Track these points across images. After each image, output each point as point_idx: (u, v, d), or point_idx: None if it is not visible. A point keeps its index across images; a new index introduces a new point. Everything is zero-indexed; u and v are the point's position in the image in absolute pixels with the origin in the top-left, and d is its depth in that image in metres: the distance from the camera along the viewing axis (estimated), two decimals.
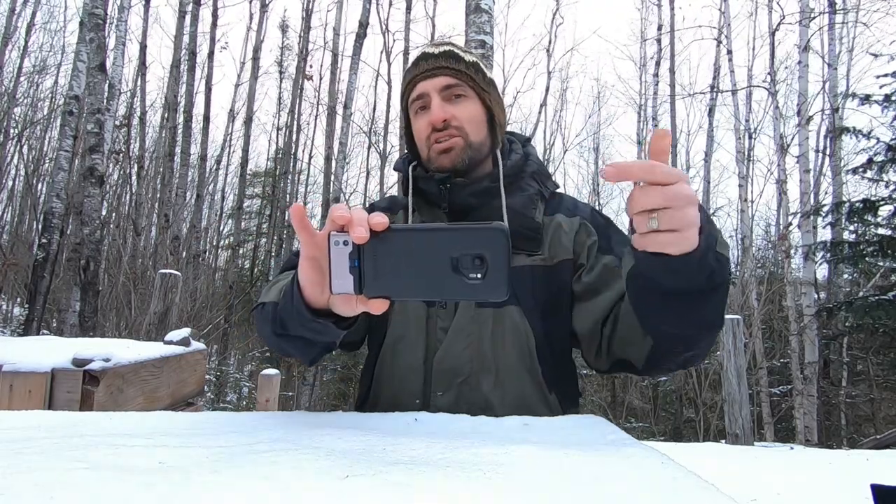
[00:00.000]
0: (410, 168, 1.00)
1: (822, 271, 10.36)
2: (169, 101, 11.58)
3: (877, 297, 7.31)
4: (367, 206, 1.09)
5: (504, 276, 0.50)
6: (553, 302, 0.93)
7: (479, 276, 0.50)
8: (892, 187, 7.76)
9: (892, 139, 7.69)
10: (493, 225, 0.50)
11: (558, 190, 1.05)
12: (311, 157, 17.95)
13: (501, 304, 0.89)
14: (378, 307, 0.54)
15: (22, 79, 13.56)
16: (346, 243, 0.52)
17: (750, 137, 10.98)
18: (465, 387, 0.88)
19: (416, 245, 0.51)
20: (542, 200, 0.99)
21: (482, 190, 0.94)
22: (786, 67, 11.64)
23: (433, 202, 0.98)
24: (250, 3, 15.89)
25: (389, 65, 14.18)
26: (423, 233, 0.52)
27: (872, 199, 7.74)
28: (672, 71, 12.78)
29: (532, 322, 0.91)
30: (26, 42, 13.59)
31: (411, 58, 1.02)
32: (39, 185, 13.97)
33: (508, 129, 1.06)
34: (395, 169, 1.08)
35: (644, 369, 0.82)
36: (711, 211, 13.28)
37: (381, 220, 0.51)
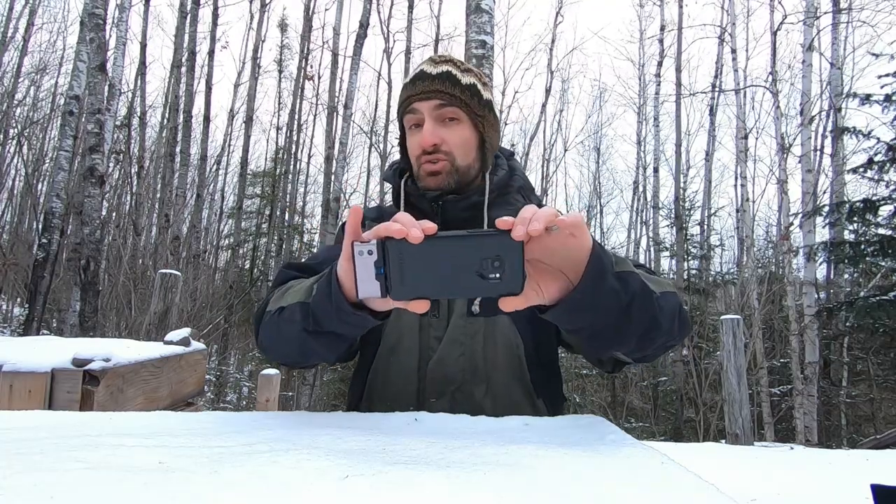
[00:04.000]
0: (402, 182, 1.02)
1: (822, 271, 10.36)
2: (169, 100, 11.58)
3: (877, 298, 7.30)
4: None
5: (519, 272, 0.55)
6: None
7: (497, 276, 0.55)
8: (892, 187, 7.76)
9: (892, 139, 7.68)
10: (507, 230, 0.55)
11: (542, 204, 1.07)
12: (310, 157, 17.96)
13: (494, 314, 0.93)
14: (420, 307, 0.59)
15: (22, 79, 13.56)
16: (370, 253, 0.57)
17: (747, 138, 10.96)
18: (458, 394, 0.92)
19: (438, 252, 0.56)
20: None
21: (472, 204, 0.97)
22: (788, 67, 11.63)
23: (426, 215, 1.01)
24: (250, 2, 15.91)
25: (390, 65, 14.17)
26: (445, 240, 0.56)
27: (873, 198, 7.74)
28: (678, 70, 12.72)
29: (521, 331, 0.94)
30: (26, 42, 13.59)
31: (412, 67, 1.03)
32: (39, 185, 13.97)
33: (504, 129, 1.08)
34: (384, 179, 1.10)
35: (635, 361, 0.82)
36: (712, 210, 13.31)
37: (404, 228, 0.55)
